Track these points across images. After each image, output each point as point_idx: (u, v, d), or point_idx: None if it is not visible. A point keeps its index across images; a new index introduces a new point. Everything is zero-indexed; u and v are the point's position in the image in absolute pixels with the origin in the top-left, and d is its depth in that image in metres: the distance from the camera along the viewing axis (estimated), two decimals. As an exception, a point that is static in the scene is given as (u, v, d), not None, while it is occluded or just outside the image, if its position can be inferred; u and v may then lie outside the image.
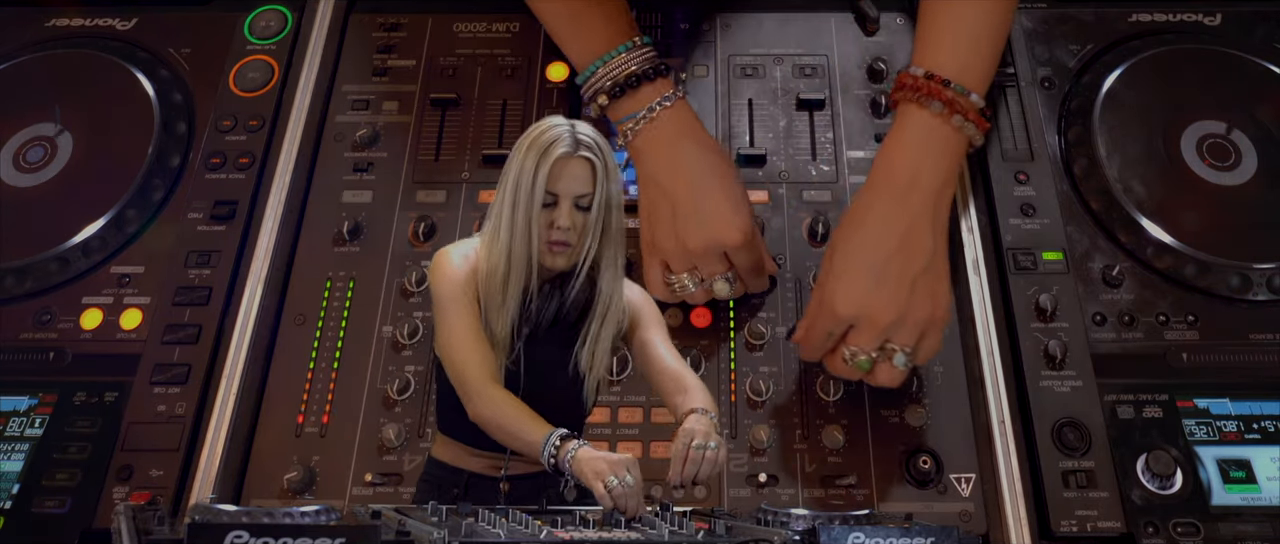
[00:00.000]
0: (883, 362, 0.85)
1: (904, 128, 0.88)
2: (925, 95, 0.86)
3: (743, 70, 1.13)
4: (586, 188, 0.70)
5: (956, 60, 0.88)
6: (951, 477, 0.89)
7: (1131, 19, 1.14)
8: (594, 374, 0.73)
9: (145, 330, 0.95)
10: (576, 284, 0.72)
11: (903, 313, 0.83)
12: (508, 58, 1.15)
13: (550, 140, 0.70)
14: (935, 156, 0.87)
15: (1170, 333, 0.95)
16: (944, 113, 0.86)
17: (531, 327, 0.72)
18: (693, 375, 0.73)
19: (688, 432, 0.66)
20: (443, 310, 0.73)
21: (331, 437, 0.92)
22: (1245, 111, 1.06)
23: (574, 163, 0.70)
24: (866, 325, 0.84)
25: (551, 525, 0.64)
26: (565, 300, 0.72)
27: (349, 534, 0.55)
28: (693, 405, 0.70)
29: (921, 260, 0.84)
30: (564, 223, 0.70)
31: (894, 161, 0.87)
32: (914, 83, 0.87)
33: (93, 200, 1.02)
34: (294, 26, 1.15)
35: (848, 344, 0.85)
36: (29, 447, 0.88)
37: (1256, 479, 0.86)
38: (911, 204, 0.85)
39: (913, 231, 0.85)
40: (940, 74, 0.87)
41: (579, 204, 0.70)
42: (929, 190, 0.86)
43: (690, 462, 0.65)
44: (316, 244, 1.02)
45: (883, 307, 0.83)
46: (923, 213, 0.85)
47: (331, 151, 1.08)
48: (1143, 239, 0.99)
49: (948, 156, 0.87)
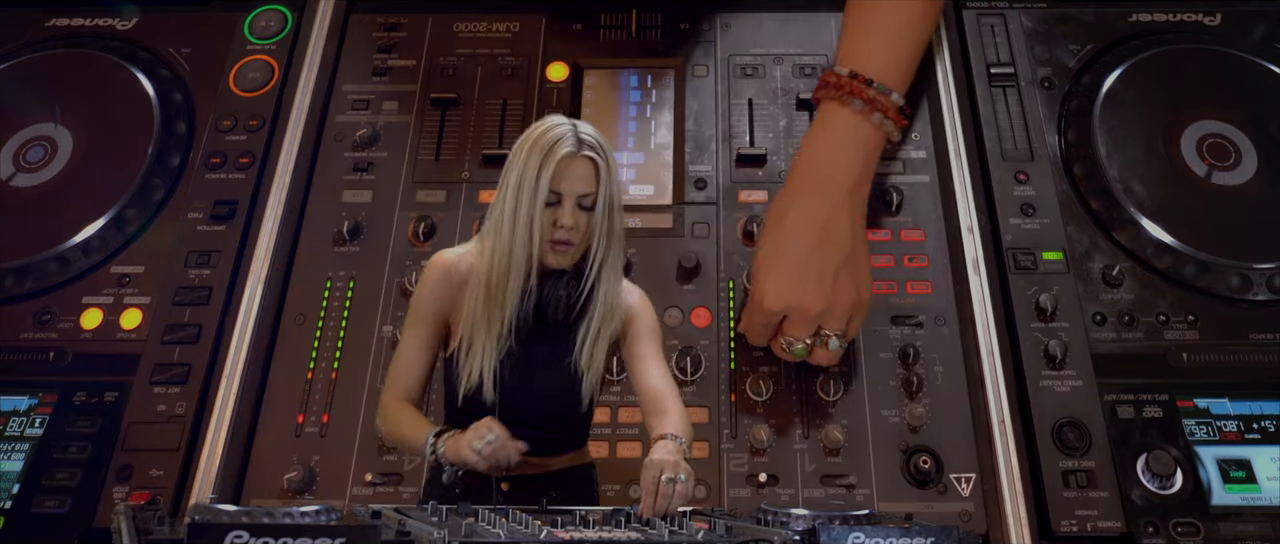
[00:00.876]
0: (818, 347, 0.90)
1: (825, 126, 0.94)
2: (847, 93, 0.93)
3: (743, 70, 1.13)
4: (589, 187, 0.70)
5: (879, 60, 0.95)
6: (951, 477, 0.89)
7: (1131, 19, 1.14)
8: (592, 373, 0.73)
9: (145, 330, 0.95)
10: (585, 285, 0.72)
11: (830, 303, 0.88)
12: (508, 58, 1.15)
13: (554, 140, 0.69)
14: (853, 151, 0.93)
15: (1170, 333, 0.95)
16: (865, 110, 0.93)
17: (529, 325, 0.72)
18: (675, 399, 0.73)
19: (656, 464, 0.66)
20: (407, 317, 0.76)
21: (331, 437, 0.92)
22: (1245, 112, 1.06)
23: (578, 162, 0.70)
24: (797, 316, 0.88)
25: (551, 525, 0.64)
26: (564, 300, 0.72)
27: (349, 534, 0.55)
28: (665, 430, 0.70)
29: (842, 252, 0.89)
30: (567, 222, 0.70)
31: (814, 158, 0.93)
32: (838, 81, 0.94)
33: (93, 200, 1.02)
34: (294, 26, 1.15)
35: (783, 334, 0.90)
36: (29, 447, 0.88)
37: (1256, 479, 0.86)
38: (830, 198, 0.90)
39: (831, 225, 0.89)
40: (864, 73, 0.94)
41: (582, 204, 0.70)
42: (846, 184, 0.91)
43: (661, 496, 0.65)
44: (316, 244, 1.02)
45: (810, 299, 0.87)
46: (840, 205, 0.90)
47: (331, 151, 1.08)
48: (1143, 239, 0.99)
49: (865, 152, 0.94)
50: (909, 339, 0.96)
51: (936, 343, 0.96)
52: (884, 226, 1.02)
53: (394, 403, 0.74)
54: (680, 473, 0.66)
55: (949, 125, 1.06)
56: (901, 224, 1.03)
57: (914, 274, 1.00)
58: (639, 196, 1.06)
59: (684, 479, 0.66)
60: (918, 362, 0.95)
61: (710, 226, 1.03)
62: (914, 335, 0.96)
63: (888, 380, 0.94)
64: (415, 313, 0.75)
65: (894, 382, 0.94)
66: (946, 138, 1.06)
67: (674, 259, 1.01)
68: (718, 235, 1.02)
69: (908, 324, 0.97)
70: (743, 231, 1.02)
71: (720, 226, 1.03)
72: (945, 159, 1.05)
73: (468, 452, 0.67)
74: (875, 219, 1.03)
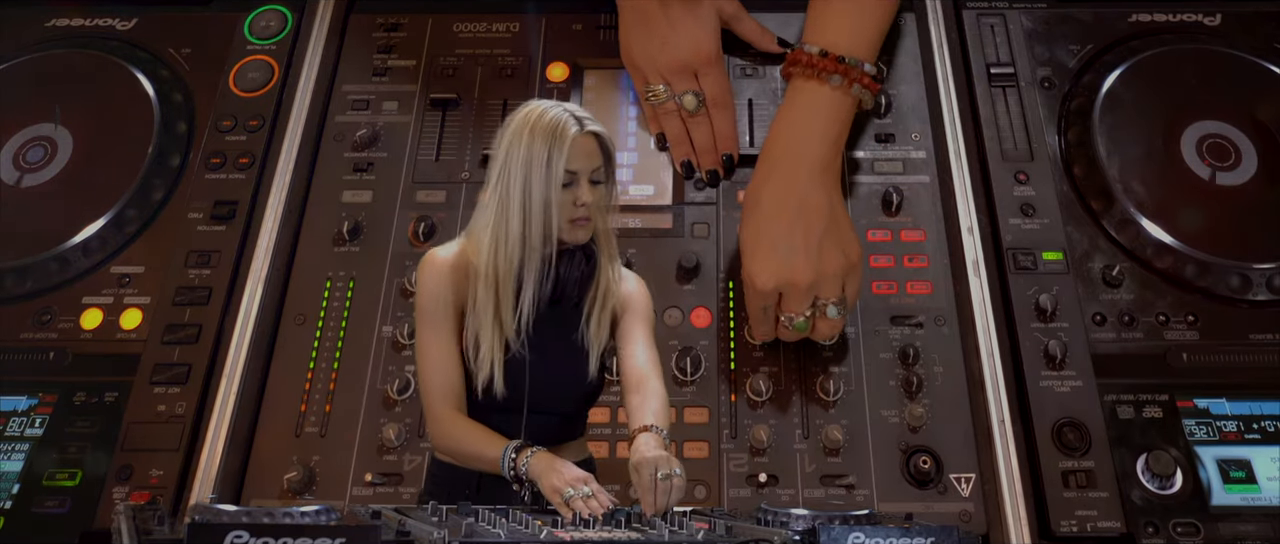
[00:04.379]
0: (818, 318, 0.91)
1: (793, 104, 0.98)
2: (822, 71, 0.96)
3: (743, 70, 1.13)
4: (597, 161, 0.72)
5: (846, 36, 0.98)
6: (951, 477, 0.89)
7: (1131, 19, 1.14)
8: (598, 347, 0.74)
9: (145, 330, 0.95)
10: (579, 259, 0.73)
11: (819, 271, 0.89)
12: (508, 58, 1.15)
13: (557, 121, 0.71)
14: (824, 128, 0.96)
15: (1170, 333, 0.95)
16: (843, 85, 0.96)
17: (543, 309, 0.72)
18: (657, 381, 0.73)
19: (649, 461, 0.66)
20: (419, 322, 0.74)
21: (331, 437, 0.92)
22: (1245, 112, 1.06)
23: (584, 140, 0.71)
24: (791, 292, 0.89)
25: (551, 525, 0.64)
26: (579, 278, 0.73)
27: (349, 534, 0.55)
28: (645, 420, 0.70)
29: (821, 221, 0.91)
30: (586, 198, 0.71)
31: (784, 138, 0.96)
32: (809, 60, 0.97)
33: (93, 200, 1.02)
34: (294, 26, 1.15)
35: (782, 312, 0.91)
36: (29, 447, 0.88)
37: (1256, 479, 0.86)
38: (800, 176, 0.93)
39: (807, 199, 0.91)
40: (834, 51, 0.97)
41: (593, 178, 0.72)
42: (817, 161, 0.94)
43: (660, 492, 0.65)
44: (316, 244, 1.02)
45: (799, 271, 0.89)
46: (812, 177, 0.93)
47: (331, 151, 1.08)
48: (1143, 239, 0.99)
49: (838, 122, 0.97)
50: (909, 339, 0.96)
51: (936, 343, 0.96)
52: (884, 227, 1.02)
53: (451, 416, 0.72)
54: (673, 467, 0.66)
55: (949, 125, 1.06)
56: (901, 224, 1.03)
57: (914, 274, 1.00)
58: (639, 197, 1.06)
59: (678, 472, 0.66)
60: (918, 362, 0.95)
61: (710, 227, 1.03)
62: (914, 336, 0.96)
63: (888, 381, 0.94)
64: (431, 315, 0.73)
65: (894, 382, 0.94)
66: (946, 138, 1.06)
67: (674, 259, 1.01)
68: (718, 235, 1.02)
69: (908, 324, 0.97)
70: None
71: (720, 226, 1.03)
72: (945, 159, 1.05)
73: (555, 496, 0.66)
74: (876, 219, 1.03)
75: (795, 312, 0.90)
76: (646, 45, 1.06)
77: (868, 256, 1.00)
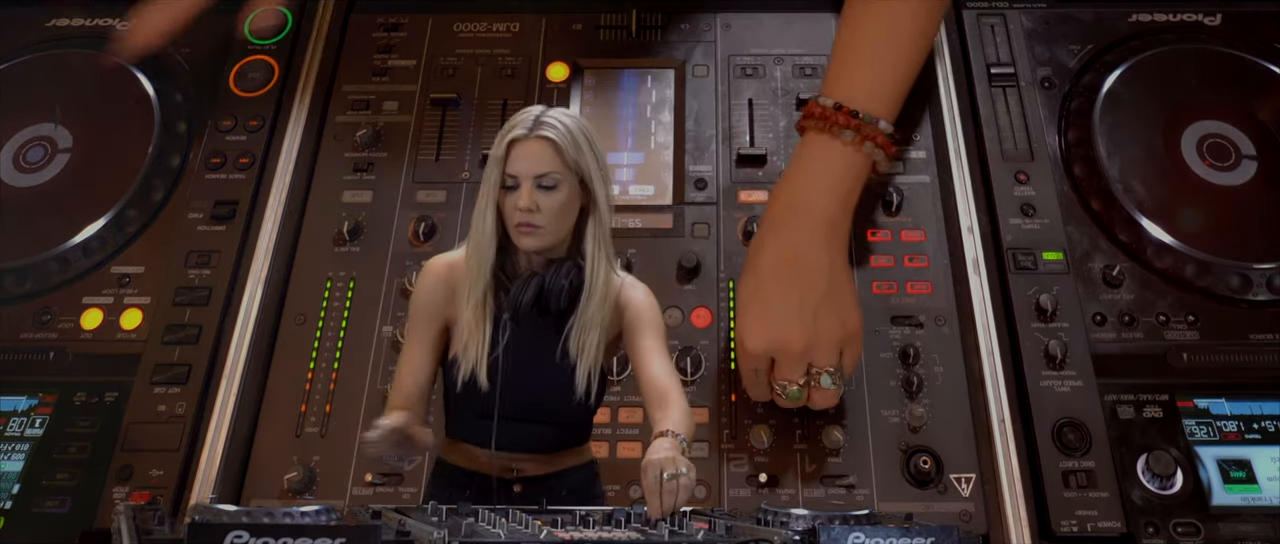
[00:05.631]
0: (813, 387, 0.87)
1: (804, 157, 0.93)
2: (835, 125, 0.92)
3: (743, 70, 1.13)
4: (545, 167, 0.70)
5: (863, 92, 0.94)
6: (951, 477, 0.89)
7: (1131, 19, 1.14)
8: (585, 361, 0.72)
9: (145, 330, 0.95)
10: (589, 273, 0.72)
11: (812, 339, 0.85)
12: (508, 58, 1.15)
13: (511, 125, 0.70)
14: (835, 181, 0.91)
15: (1170, 333, 0.95)
16: (855, 140, 0.92)
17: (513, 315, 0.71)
18: (678, 394, 0.71)
19: (656, 463, 0.65)
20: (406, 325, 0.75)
21: (331, 437, 0.92)
22: (1245, 112, 1.06)
23: (530, 144, 0.70)
24: (784, 358, 0.86)
25: (551, 525, 0.64)
26: (566, 288, 0.71)
27: (349, 534, 0.55)
28: (665, 426, 0.69)
29: (820, 285, 0.86)
30: (522, 203, 0.69)
31: (790, 191, 0.92)
32: (823, 113, 0.93)
33: (93, 200, 1.02)
34: (294, 26, 1.15)
35: (775, 378, 0.87)
36: (29, 447, 0.88)
37: (1257, 479, 0.86)
38: (803, 232, 0.89)
39: (806, 259, 0.87)
40: (848, 105, 0.92)
41: (542, 184, 0.70)
42: (822, 217, 0.89)
43: (666, 494, 0.65)
44: (316, 244, 1.02)
45: (791, 337, 0.85)
46: (815, 235, 0.89)
47: (331, 151, 1.08)
48: (1143, 239, 0.99)
49: (849, 180, 0.92)
50: (909, 339, 0.96)
51: (936, 343, 0.96)
52: (884, 227, 1.02)
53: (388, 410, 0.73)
54: (680, 467, 0.65)
55: (949, 125, 1.06)
56: (901, 224, 1.03)
57: (914, 274, 1.00)
58: (639, 197, 1.06)
59: (685, 472, 0.65)
60: (918, 362, 0.95)
61: (710, 227, 1.03)
62: (914, 335, 0.96)
63: (888, 380, 0.94)
64: (412, 320, 0.74)
65: (894, 382, 0.94)
66: (946, 138, 1.06)
67: (674, 259, 1.01)
68: (718, 235, 1.02)
69: (908, 324, 0.97)
70: (743, 232, 1.02)
71: (720, 227, 1.03)
72: (945, 159, 1.05)
73: (367, 446, 0.68)
74: (875, 219, 1.03)
75: (788, 378, 0.86)
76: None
77: (868, 257, 1.00)
